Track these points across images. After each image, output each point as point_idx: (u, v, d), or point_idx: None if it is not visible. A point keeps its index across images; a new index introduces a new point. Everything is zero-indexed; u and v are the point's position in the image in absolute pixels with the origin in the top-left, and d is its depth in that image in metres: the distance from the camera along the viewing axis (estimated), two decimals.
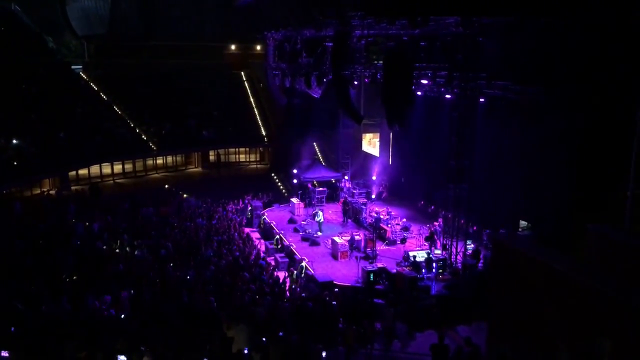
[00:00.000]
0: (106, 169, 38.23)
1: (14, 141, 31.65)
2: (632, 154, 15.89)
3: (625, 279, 11.38)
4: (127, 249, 21.79)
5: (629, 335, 9.38)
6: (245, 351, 12.56)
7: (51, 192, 33.21)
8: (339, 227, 29.57)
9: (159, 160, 41.50)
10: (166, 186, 37.29)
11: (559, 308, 10.89)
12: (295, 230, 28.90)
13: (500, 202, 24.23)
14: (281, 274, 22.70)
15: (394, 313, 16.94)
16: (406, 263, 23.18)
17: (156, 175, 40.70)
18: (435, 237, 25.23)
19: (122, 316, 14.73)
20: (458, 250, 23.34)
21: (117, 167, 38.98)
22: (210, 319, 15.22)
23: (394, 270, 22.16)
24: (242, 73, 49.26)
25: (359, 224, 29.79)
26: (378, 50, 26.91)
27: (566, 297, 10.77)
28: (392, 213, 29.45)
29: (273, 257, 24.96)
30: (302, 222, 29.96)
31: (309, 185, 33.80)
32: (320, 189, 33.72)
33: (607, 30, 17.41)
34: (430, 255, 23.04)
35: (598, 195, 18.94)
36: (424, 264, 22.57)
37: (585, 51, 18.15)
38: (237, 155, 45.32)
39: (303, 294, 19.44)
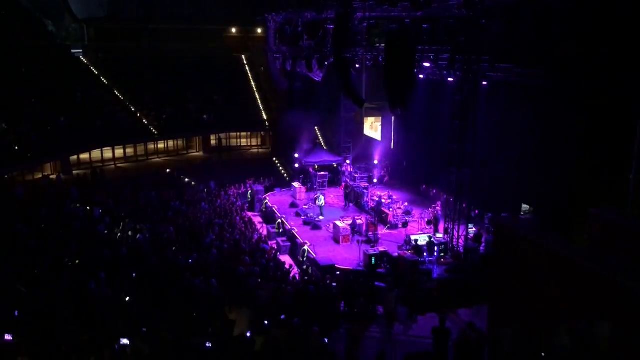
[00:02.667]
0: (107, 153, 38.21)
1: (4, 125, 31.57)
2: (634, 137, 15.83)
3: (627, 262, 11.39)
4: (129, 233, 21.86)
5: (630, 319, 9.42)
6: (248, 334, 12.64)
7: (52, 176, 33.23)
8: (341, 211, 29.62)
9: (160, 145, 41.44)
10: (168, 170, 37.33)
11: (560, 291, 10.93)
12: (297, 215, 28.96)
13: (502, 185, 24.22)
14: (283, 258, 22.80)
15: (395, 296, 17.03)
16: (408, 247, 23.25)
17: (157, 159, 40.68)
18: (439, 218, 25.25)
19: (127, 299, 14.81)
20: (460, 234, 23.39)
21: (119, 152, 38.95)
22: (212, 302, 15.31)
23: (396, 254, 22.24)
24: (243, 56, 48.99)
25: (360, 208, 29.83)
26: (380, 33, 26.72)
27: (567, 281, 10.80)
28: (394, 197, 29.48)
29: (275, 241, 25.05)
30: (304, 207, 30.01)
31: (311, 170, 33.80)
32: (322, 173, 33.72)
33: (610, 11, 17.23)
34: (432, 239, 23.10)
35: (600, 179, 18.90)
36: (425, 247, 22.63)
37: (589, 33, 17.98)
38: (239, 140, 45.25)
39: (305, 277, 19.54)
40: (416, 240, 23.06)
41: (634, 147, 16.25)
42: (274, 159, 42.19)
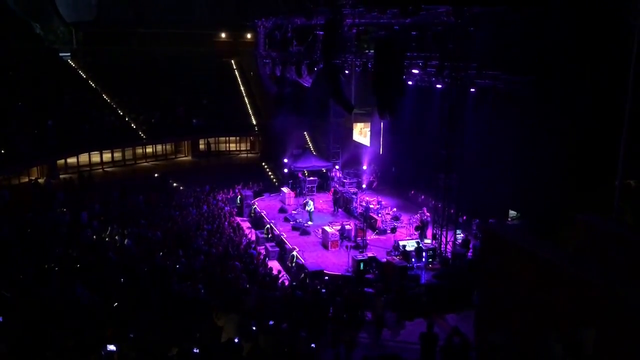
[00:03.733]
0: (95, 157, 37.94)
1: None
2: (620, 144, 15.98)
3: (613, 268, 11.47)
4: (117, 237, 21.70)
5: (615, 325, 9.47)
6: (235, 340, 12.57)
7: (40, 180, 32.91)
8: (330, 217, 29.61)
9: (149, 149, 41.23)
10: (156, 175, 37.10)
11: (547, 298, 10.97)
12: (286, 220, 28.91)
13: (489, 191, 24.32)
14: (271, 263, 22.72)
15: (383, 302, 17.02)
16: (396, 252, 23.29)
17: (146, 163, 40.46)
18: (427, 224, 25.32)
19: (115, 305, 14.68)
20: (448, 240, 23.45)
21: (107, 156, 38.68)
22: (199, 308, 15.22)
23: (384, 260, 22.25)
24: (232, 61, 48.95)
25: (349, 213, 29.84)
26: (369, 39, 26.81)
27: (554, 287, 10.84)
28: (383, 202, 29.53)
29: (263, 246, 24.96)
30: (293, 212, 29.95)
31: (300, 175, 33.77)
32: (311, 178, 33.70)
33: (598, 20, 17.42)
34: (420, 245, 23.13)
35: (587, 185, 19.07)
36: (413, 253, 22.69)
37: (576, 41, 18.16)
38: (228, 144, 45.12)
39: (294, 283, 19.48)
40: (404, 246, 23.08)
41: (619, 154, 16.41)
42: (263, 163, 42.13)
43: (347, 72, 29.46)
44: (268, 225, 26.98)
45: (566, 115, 19.79)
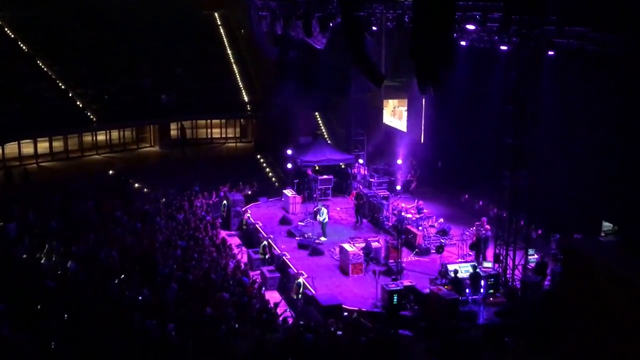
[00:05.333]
0: (27, 147, 38.21)
1: None
2: None
3: None
4: (57, 258, 21.83)
5: None
6: None
7: None
8: (350, 230, 29.61)
9: (101, 136, 41.43)
10: (111, 172, 37.27)
11: None
12: (290, 234, 28.93)
13: (574, 195, 24.18)
14: (269, 294, 22.77)
15: (426, 349, 16.98)
16: (444, 280, 23.22)
17: (97, 156, 40.66)
18: (487, 241, 25.26)
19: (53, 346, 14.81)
20: (516, 263, 23.36)
21: (43, 145, 38.92)
22: (170, 355, 15.29)
23: (427, 290, 22.19)
24: (216, 14, 49.07)
25: (378, 225, 29.82)
26: None
27: None
28: (425, 211, 29.46)
29: (259, 271, 25.00)
30: (300, 223, 29.97)
31: (309, 172, 33.78)
32: (325, 177, 33.69)
33: None
34: (478, 270, 23.06)
35: None
36: (468, 281, 22.60)
37: None
38: (210, 130, 45.26)
39: (300, 322, 19.52)
40: (455, 272, 23.03)
41: None
42: (259, 156, 42.18)
43: (375, 28, 29.43)
44: (265, 242, 27.04)
45: None
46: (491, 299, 22.45)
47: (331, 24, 29.33)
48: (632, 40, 19.48)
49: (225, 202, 31.24)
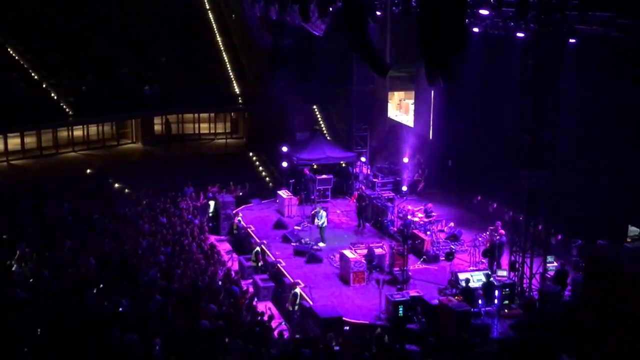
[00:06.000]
0: None
1: None
2: None
3: None
4: (29, 265, 21.81)
5: None
6: None
7: None
8: (352, 235, 29.62)
9: (77, 132, 41.37)
10: (88, 171, 37.24)
11: None
12: (285, 240, 28.94)
13: (597, 197, 24.16)
14: (262, 306, 22.76)
15: None
16: (454, 290, 23.22)
17: (73, 154, 40.63)
18: (502, 247, 25.27)
19: None
20: (534, 272, 23.37)
21: (14, 142, 38.89)
22: None
23: (436, 301, 22.19)
24: None
25: (381, 230, 29.83)
26: None
27: None
28: (434, 214, 29.46)
29: (251, 280, 24.99)
30: (296, 227, 29.95)
31: (306, 171, 33.76)
32: (324, 176, 33.68)
33: None
34: (491, 279, 23.06)
35: None
36: (481, 291, 22.60)
37: None
38: (197, 125, 45.21)
39: (297, 336, 19.52)
40: (467, 281, 23.04)
41: None
42: (251, 154, 42.18)
43: (379, 13, 29.38)
44: (258, 248, 27.03)
45: None
46: (506, 310, 22.41)
47: (331, 9, 29.31)
48: None
49: (214, 203, 31.21)
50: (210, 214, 31.06)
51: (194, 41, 45.85)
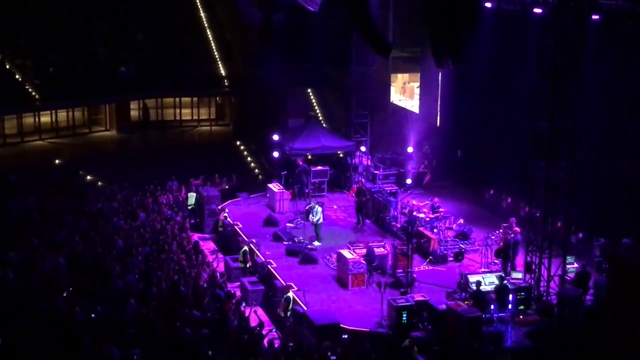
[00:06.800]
0: None
1: None
2: None
3: None
4: None
5: None
6: None
7: None
8: (350, 234, 29.65)
9: (45, 118, 41.33)
10: (57, 161, 37.19)
11: None
12: (277, 238, 28.96)
13: (622, 192, 24.19)
14: (252, 312, 22.78)
15: None
16: (463, 294, 23.26)
17: (40, 142, 40.60)
18: (517, 246, 25.32)
19: None
20: (552, 274, 23.42)
21: None
22: None
23: (443, 307, 22.23)
24: None
25: (383, 227, 29.86)
26: None
27: None
28: (441, 210, 29.48)
29: (238, 283, 25.01)
30: (288, 224, 29.96)
31: (300, 162, 33.76)
32: (319, 168, 33.68)
33: None
34: (505, 282, 23.10)
35: None
36: (493, 295, 22.65)
37: None
38: (179, 110, 45.19)
39: (289, 345, 19.56)
40: (478, 284, 23.06)
41: None
42: (238, 142, 42.17)
43: None
44: (246, 248, 27.05)
45: None
46: (521, 317, 22.46)
47: None
48: None
49: (190, 195, 31.09)
50: (190, 207, 31.00)
51: (174, 17, 45.79)
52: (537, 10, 23.87)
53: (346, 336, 20.93)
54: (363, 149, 35.45)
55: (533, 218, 24.22)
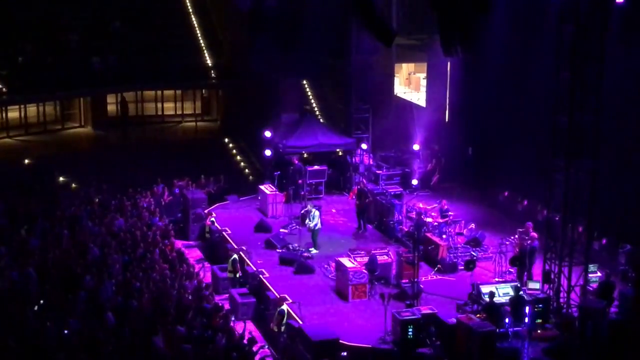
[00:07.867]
0: None
1: None
2: None
3: None
4: None
5: None
6: None
7: None
8: (350, 240, 29.67)
9: (13, 113, 41.37)
10: (26, 161, 37.19)
11: None
12: (269, 245, 28.97)
13: None
14: (240, 326, 22.80)
15: None
16: (475, 306, 23.28)
17: (7, 139, 40.63)
18: (534, 254, 25.32)
19: None
20: (573, 284, 23.44)
21: None
22: None
23: (453, 320, 22.23)
24: None
25: (387, 233, 29.89)
26: None
27: None
28: (450, 214, 29.49)
29: (227, 295, 25.01)
30: (282, 230, 29.96)
31: (295, 161, 33.78)
32: (316, 167, 33.70)
33: None
34: (521, 293, 23.12)
35: None
36: (508, 307, 22.66)
37: None
38: (160, 104, 45.24)
39: None
40: (491, 295, 23.09)
41: None
42: (226, 140, 42.19)
43: None
44: (235, 256, 27.06)
45: None
46: (539, 331, 22.48)
47: None
48: None
49: (180, 200, 31.16)
50: (176, 211, 31.04)
51: (155, 1, 45.77)
52: None
53: (345, 353, 20.91)
54: (364, 146, 35.46)
55: (552, 222, 24.22)
